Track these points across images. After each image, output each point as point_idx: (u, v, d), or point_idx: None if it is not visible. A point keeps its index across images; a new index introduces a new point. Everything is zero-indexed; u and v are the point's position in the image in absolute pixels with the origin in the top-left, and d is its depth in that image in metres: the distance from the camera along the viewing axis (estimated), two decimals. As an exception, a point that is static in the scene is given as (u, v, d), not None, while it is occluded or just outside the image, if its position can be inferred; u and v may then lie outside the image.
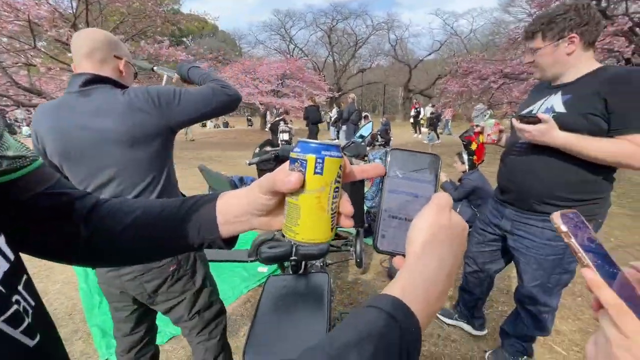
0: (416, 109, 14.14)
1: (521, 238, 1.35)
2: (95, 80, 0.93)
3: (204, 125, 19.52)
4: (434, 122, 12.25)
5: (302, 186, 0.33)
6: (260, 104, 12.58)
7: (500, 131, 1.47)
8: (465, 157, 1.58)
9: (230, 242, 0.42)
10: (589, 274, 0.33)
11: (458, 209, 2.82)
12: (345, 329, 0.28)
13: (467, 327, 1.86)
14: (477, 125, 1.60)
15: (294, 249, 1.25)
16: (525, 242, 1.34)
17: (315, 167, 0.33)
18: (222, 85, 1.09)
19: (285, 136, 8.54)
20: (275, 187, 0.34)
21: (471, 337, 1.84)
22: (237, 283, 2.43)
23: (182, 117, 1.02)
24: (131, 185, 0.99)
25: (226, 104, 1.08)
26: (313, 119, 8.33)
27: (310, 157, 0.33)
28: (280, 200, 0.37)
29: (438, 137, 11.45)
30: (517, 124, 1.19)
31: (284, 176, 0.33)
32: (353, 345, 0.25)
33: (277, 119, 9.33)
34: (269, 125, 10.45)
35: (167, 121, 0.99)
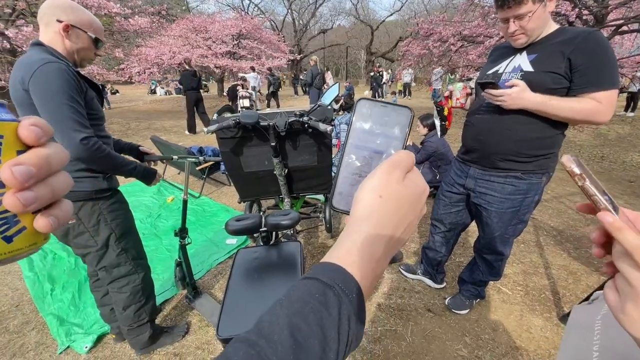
0: (379, 72, 14.02)
1: (483, 194, 1.44)
2: (36, 43, 1.12)
3: (154, 92, 17.74)
4: (374, 86, 12.06)
5: None
6: (216, 67, 11.56)
7: (468, 94, 1.49)
8: (437, 123, 1.58)
9: None
10: (608, 217, 0.29)
11: (420, 171, 2.94)
12: (277, 307, 0.26)
13: (430, 282, 2.01)
14: (443, 89, 1.60)
15: (263, 220, 1.20)
16: (487, 197, 1.42)
17: None
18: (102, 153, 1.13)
19: (246, 102, 8.01)
20: None
21: (433, 288, 2.01)
22: (205, 257, 2.36)
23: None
24: None
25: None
26: (187, 85, 6.94)
27: None
28: None
29: (375, 97, 11.64)
30: (491, 92, 1.20)
31: None
32: (285, 325, 0.24)
33: (233, 83, 8.65)
34: (226, 91, 9.64)
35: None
